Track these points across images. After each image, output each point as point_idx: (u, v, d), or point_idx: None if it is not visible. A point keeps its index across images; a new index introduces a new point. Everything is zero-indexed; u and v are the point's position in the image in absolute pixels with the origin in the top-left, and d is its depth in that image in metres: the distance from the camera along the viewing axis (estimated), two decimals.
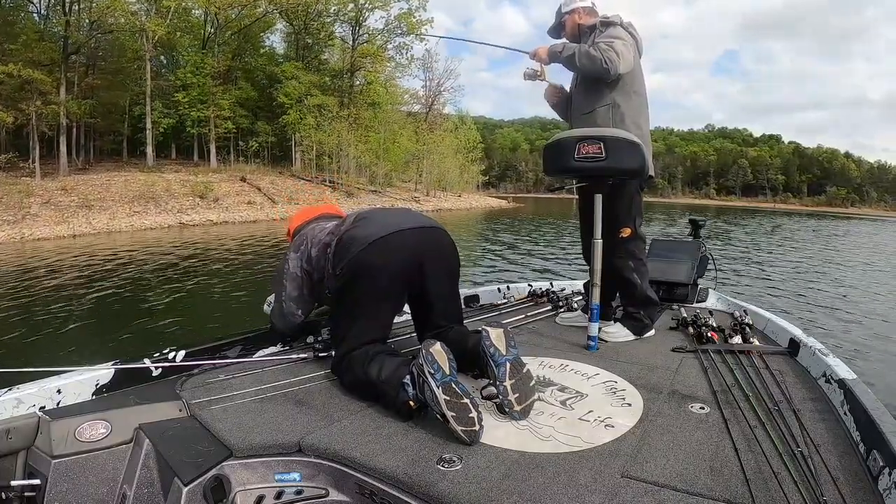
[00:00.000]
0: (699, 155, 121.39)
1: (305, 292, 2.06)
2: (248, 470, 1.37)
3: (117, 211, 19.64)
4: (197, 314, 7.17)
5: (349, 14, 35.33)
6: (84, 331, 6.04)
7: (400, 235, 1.83)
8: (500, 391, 1.55)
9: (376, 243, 1.78)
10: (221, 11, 30.02)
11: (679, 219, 31.28)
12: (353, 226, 1.91)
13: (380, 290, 1.80)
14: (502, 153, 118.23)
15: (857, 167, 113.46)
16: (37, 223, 16.67)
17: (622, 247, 2.45)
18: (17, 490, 1.30)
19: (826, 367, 1.82)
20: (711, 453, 1.33)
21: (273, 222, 22.51)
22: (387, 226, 1.85)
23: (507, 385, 1.55)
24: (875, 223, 49.63)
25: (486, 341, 1.63)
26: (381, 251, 1.78)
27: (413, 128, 43.00)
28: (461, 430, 1.37)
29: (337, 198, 29.89)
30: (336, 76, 36.37)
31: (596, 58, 2.33)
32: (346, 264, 1.80)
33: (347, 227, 1.91)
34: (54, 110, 22.68)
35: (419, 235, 1.89)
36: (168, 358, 1.84)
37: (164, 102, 29.76)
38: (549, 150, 2.32)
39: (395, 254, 1.80)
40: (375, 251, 1.77)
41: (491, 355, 1.61)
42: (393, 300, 1.89)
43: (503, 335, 1.65)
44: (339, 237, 1.90)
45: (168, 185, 23.11)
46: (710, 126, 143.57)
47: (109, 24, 26.61)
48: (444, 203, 40.47)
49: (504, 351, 1.61)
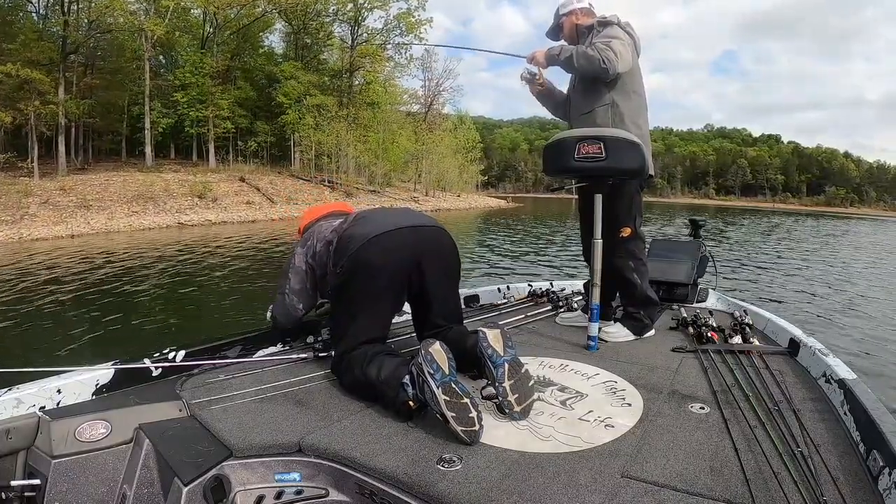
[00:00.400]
0: (698, 155, 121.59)
1: (308, 286, 2.07)
2: (248, 470, 1.37)
3: (115, 211, 19.60)
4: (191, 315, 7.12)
5: (348, 14, 35.39)
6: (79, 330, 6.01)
7: (399, 233, 1.83)
8: (500, 392, 1.55)
9: (374, 240, 1.79)
10: (220, 11, 29.98)
11: (676, 219, 31.29)
12: (352, 224, 1.93)
13: (378, 288, 1.80)
14: (501, 153, 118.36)
15: (857, 167, 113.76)
16: (35, 223, 16.63)
17: (622, 247, 2.45)
18: (17, 490, 1.30)
19: (826, 367, 1.82)
20: (711, 453, 1.33)
21: (272, 222, 22.49)
22: (385, 224, 1.85)
23: (506, 386, 1.55)
24: (875, 223, 49.65)
25: (483, 342, 1.63)
26: (379, 249, 1.78)
27: (412, 128, 42.99)
28: (461, 430, 1.37)
29: (336, 198, 29.85)
30: (335, 76, 36.38)
31: (594, 58, 2.32)
32: (346, 262, 1.80)
33: (348, 226, 1.93)
34: (53, 110, 22.61)
35: (418, 234, 1.89)
36: (168, 358, 1.84)
37: (163, 102, 29.70)
38: (550, 150, 2.32)
39: (394, 252, 1.81)
40: (373, 249, 1.78)
41: (489, 356, 1.61)
42: (392, 299, 1.89)
43: (500, 336, 1.65)
44: (340, 235, 1.92)
45: (167, 185, 23.08)
46: (710, 126, 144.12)
47: (108, 23, 26.55)
48: (442, 203, 40.47)
49: (502, 352, 1.61)
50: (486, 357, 1.62)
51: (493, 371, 1.59)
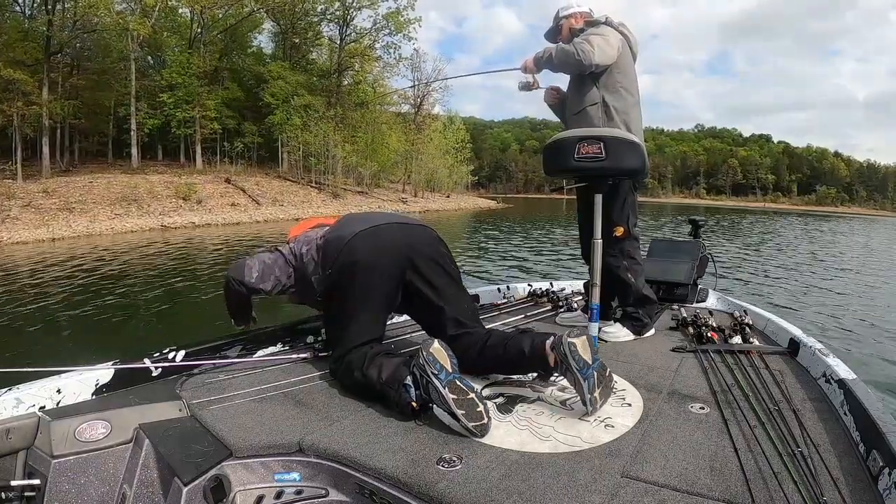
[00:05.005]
0: (689, 154, 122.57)
1: (277, 269, 1.99)
2: (248, 470, 1.38)
3: (98, 213, 19.31)
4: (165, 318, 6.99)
5: (336, 13, 35.26)
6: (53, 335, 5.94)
7: (387, 228, 1.87)
8: (588, 401, 1.53)
9: (361, 235, 1.81)
10: (207, 10, 29.73)
11: (664, 218, 31.45)
12: (338, 226, 1.96)
13: (369, 285, 1.79)
14: (492, 153, 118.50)
15: (847, 167, 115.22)
16: (16, 226, 16.35)
17: (615, 246, 2.46)
18: (17, 490, 1.30)
19: (826, 367, 1.82)
20: (711, 453, 1.33)
21: (256, 224, 22.32)
22: (372, 220, 1.89)
23: (595, 395, 1.53)
24: (866, 221, 49.98)
25: (569, 349, 1.57)
26: (367, 244, 1.80)
27: (402, 128, 42.91)
28: (472, 425, 1.39)
29: (323, 199, 29.75)
30: (324, 76, 36.21)
31: (569, 52, 2.38)
32: (334, 262, 1.81)
33: (334, 228, 1.96)
34: (36, 111, 22.28)
35: (403, 230, 1.91)
36: (168, 358, 1.83)
37: (150, 103, 29.32)
38: (549, 150, 2.33)
39: (383, 247, 1.82)
40: (361, 245, 1.80)
41: (579, 369, 1.55)
42: (384, 296, 1.85)
43: (587, 343, 1.60)
44: (326, 238, 1.93)
45: (151, 186, 22.79)
46: (700, 126, 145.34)
47: (94, 23, 26.21)
48: (432, 204, 40.48)
49: (590, 360, 1.56)
50: (573, 368, 1.56)
51: (582, 383, 1.54)
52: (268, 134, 33.33)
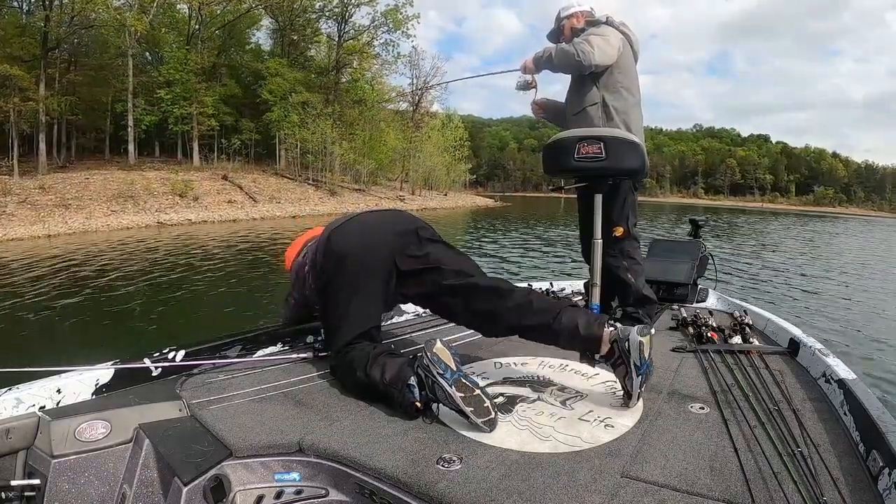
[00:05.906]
0: (687, 154, 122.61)
1: (290, 300, 2.15)
2: (248, 470, 1.37)
3: (94, 210, 19.30)
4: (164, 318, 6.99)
5: (335, 10, 35.21)
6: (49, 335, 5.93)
7: (363, 216, 1.93)
8: (636, 395, 1.58)
9: (338, 230, 1.86)
10: (205, 6, 29.67)
11: (662, 216, 31.47)
12: (317, 239, 2.00)
13: (357, 273, 1.77)
14: (490, 152, 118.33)
15: (845, 167, 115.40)
16: (12, 223, 16.34)
17: (615, 246, 2.47)
18: (17, 490, 1.29)
19: (826, 367, 1.82)
20: (711, 453, 1.33)
21: (253, 221, 22.29)
22: (343, 217, 1.95)
23: (642, 391, 1.58)
24: (863, 222, 50.16)
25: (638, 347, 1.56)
26: (345, 235, 1.84)
27: (400, 125, 42.86)
28: (481, 421, 1.41)
29: (320, 196, 29.73)
30: (322, 73, 36.14)
31: (569, 52, 2.38)
32: (322, 264, 1.84)
33: (313, 243, 2.01)
34: (33, 107, 22.21)
35: (381, 214, 1.97)
36: (168, 358, 1.83)
37: (147, 99, 29.22)
38: (549, 150, 2.33)
39: (362, 233, 1.85)
40: (340, 237, 1.84)
41: (637, 366, 1.55)
42: (375, 283, 1.79)
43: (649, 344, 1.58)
44: (309, 251, 2.00)
45: (148, 183, 22.76)
46: (698, 126, 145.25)
47: (91, 18, 26.10)
48: (429, 202, 40.49)
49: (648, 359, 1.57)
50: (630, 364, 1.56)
51: (634, 378, 1.55)
52: (265, 131, 33.26)
